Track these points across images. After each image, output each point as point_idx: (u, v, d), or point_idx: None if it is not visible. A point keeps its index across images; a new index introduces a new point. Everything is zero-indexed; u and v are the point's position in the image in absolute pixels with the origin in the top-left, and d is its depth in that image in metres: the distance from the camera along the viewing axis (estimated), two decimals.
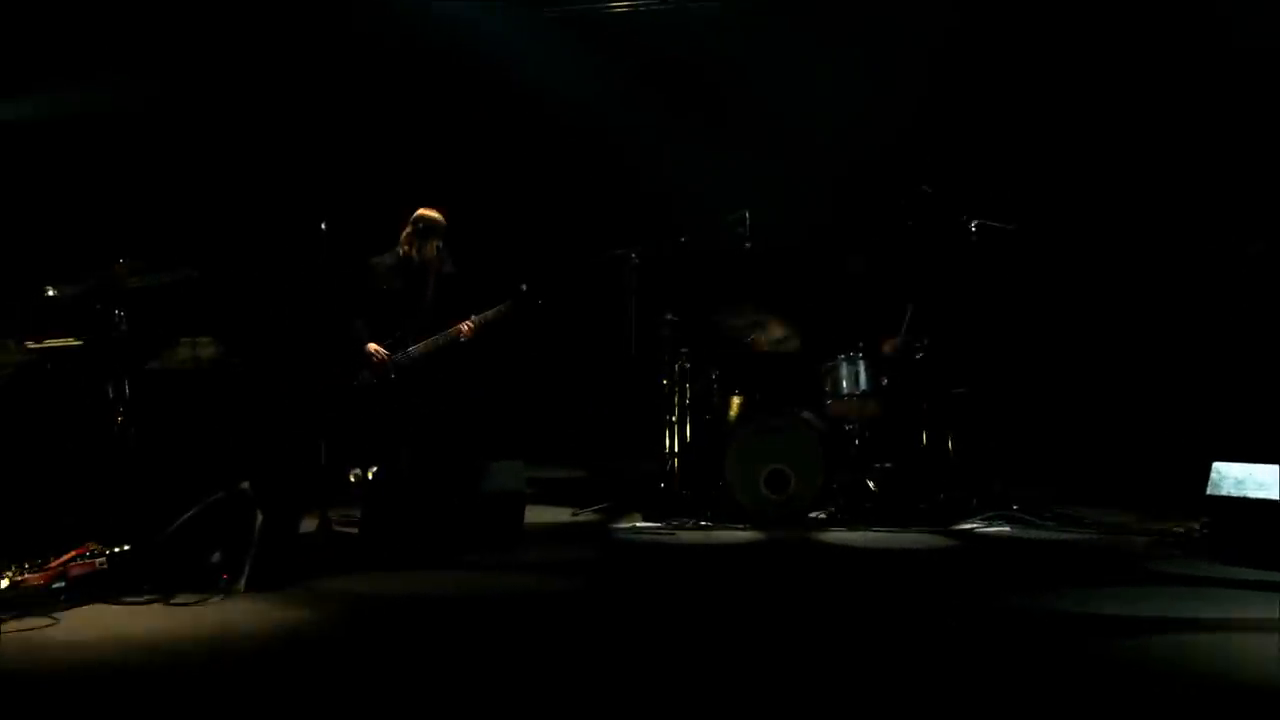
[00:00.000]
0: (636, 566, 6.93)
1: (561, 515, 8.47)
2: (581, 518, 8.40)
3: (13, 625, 5.28)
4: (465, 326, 7.71)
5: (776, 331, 8.51)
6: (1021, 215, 8.14)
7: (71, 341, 6.73)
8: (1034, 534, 7.53)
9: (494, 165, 9.75)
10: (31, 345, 6.52)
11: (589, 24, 9.74)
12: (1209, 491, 6.68)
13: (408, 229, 7.85)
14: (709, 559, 7.13)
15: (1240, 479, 6.52)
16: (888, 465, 8.29)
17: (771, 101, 9.57)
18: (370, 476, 8.01)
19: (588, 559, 7.00)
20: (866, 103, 9.35)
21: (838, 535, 7.64)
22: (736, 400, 8.54)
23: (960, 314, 8.20)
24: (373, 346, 7.72)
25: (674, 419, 8.44)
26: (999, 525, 7.72)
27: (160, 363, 6.91)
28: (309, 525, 7.44)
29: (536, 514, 8.10)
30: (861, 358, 8.23)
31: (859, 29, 9.45)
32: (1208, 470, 6.68)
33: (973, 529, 7.65)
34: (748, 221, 8.34)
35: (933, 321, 8.31)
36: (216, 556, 6.07)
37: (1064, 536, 7.45)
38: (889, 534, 7.58)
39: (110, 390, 6.66)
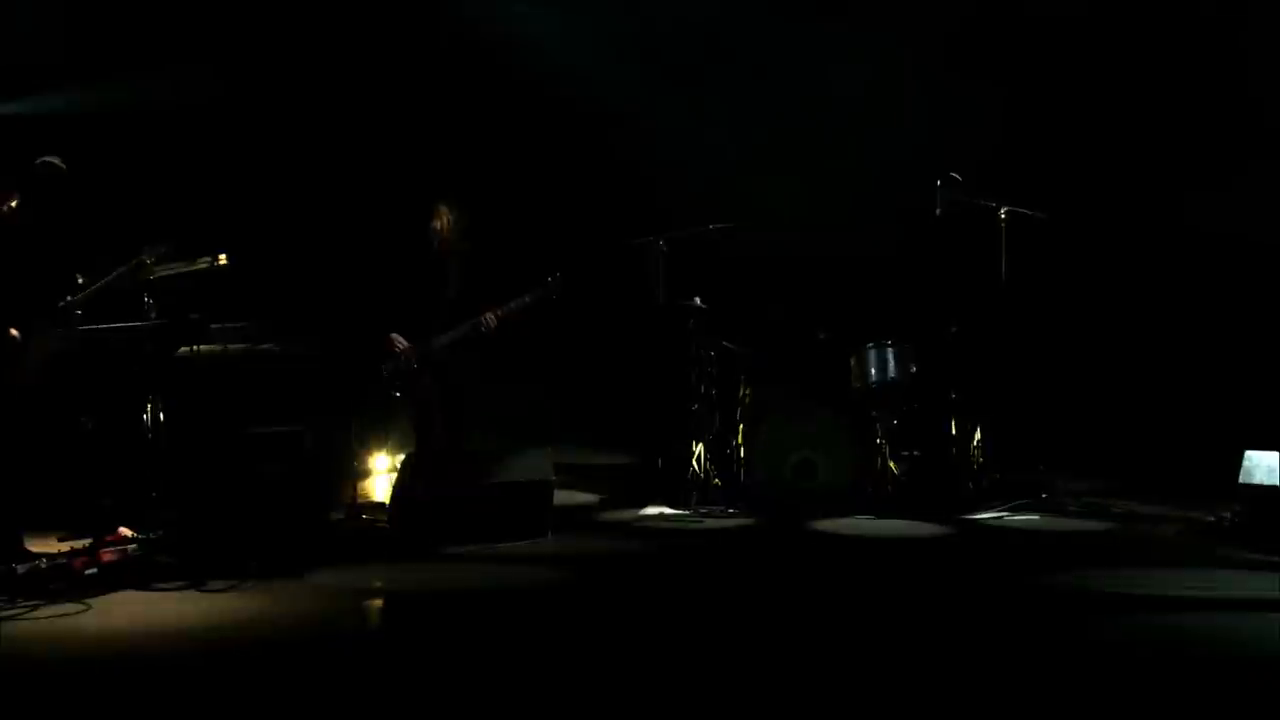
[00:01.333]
0: (660, 555, 6.91)
1: (590, 501, 8.48)
2: (610, 505, 8.41)
3: (46, 611, 5.32)
4: (490, 316, 7.70)
5: (799, 318, 8.47)
6: (1054, 203, 8.08)
7: (103, 329, 6.76)
8: (1062, 523, 7.51)
9: (522, 152, 9.72)
10: (64, 333, 6.55)
11: (618, 6, 9.70)
12: (1241, 479, 6.63)
13: (431, 219, 7.86)
14: (735, 547, 7.14)
15: (1273, 467, 6.48)
16: (916, 454, 8.25)
17: (801, 88, 9.52)
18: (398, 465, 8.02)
19: (613, 549, 6.99)
20: (895, 89, 9.29)
21: (864, 524, 7.62)
22: (765, 388, 8.51)
23: (990, 303, 8.15)
24: (395, 337, 7.72)
25: (702, 406, 8.42)
26: (1027, 514, 7.69)
27: (192, 349, 6.92)
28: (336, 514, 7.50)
29: (565, 499, 8.09)
30: (890, 346, 8.20)
31: (888, 14, 9.37)
32: (1241, 458, 6.64)
33: (1000, 517, 7.63)
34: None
35: (962, 310, 8.27)
36: (246, 543, 6.10)
37: (1093, 525, 7.42)
38: (916, 523, 7.55)
39: (141, 377, 6.70)
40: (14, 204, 6.33)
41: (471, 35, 9.67)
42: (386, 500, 7.46)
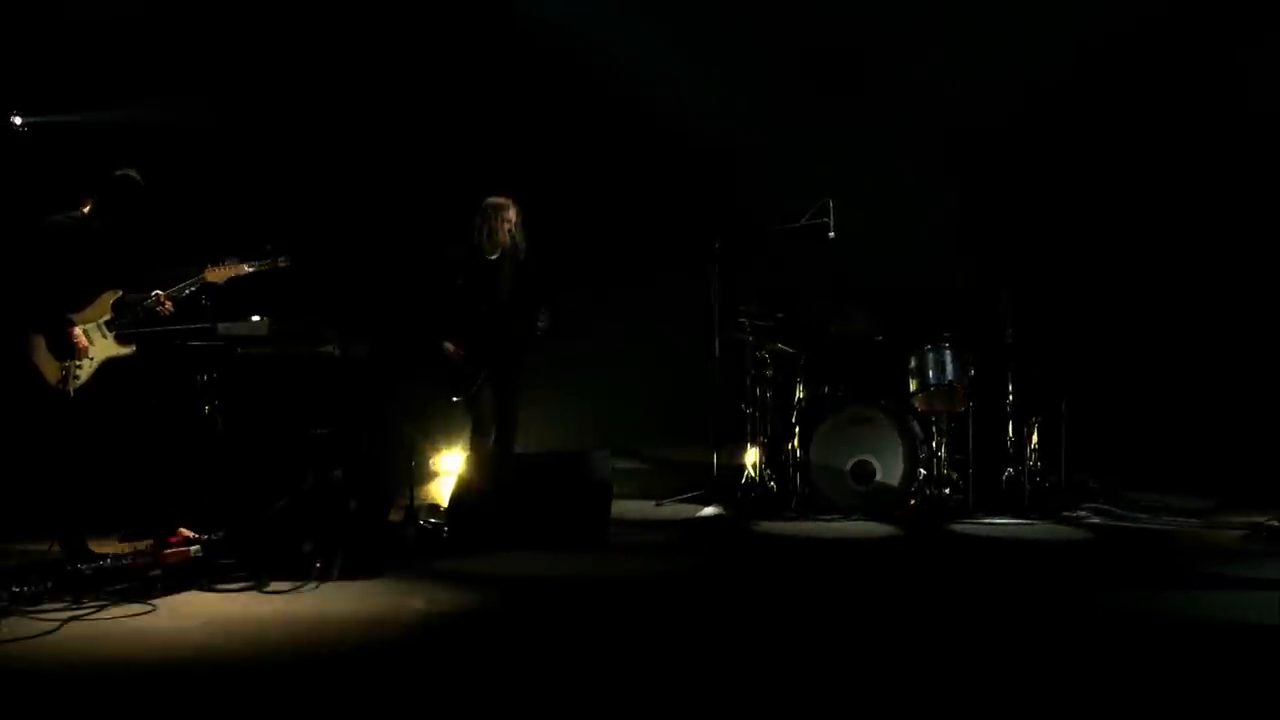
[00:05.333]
0: (717, 559, 6.91)
1: (646, 504, 8.46)
2: (666, 507, 8.38)
3: (113, 611, 5.36)
4: (544, 314, 7.64)
5: (861, 321, 8.40)
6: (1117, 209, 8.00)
7: (162, 330, 6.78)
8: (1123, 525, 7.48)
9: (577, 153, 9.71)
10: (126, 334, 6.58)
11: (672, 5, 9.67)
12: None
13: (477, 219, 7.78)
14: (789, 551, 7.14)
15: None
16: (974, 457, 8.17)
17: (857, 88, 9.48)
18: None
19: (675, 564, 6.80)
20: (961, 87, 9.22)
21: (921, 527, 7.57)
22: (821, 390, 8.45)
23: (1051, 305, 8.07)
24: (450, 346, 7.66)
25: (757, 409, 8.38)
26: (1085, 516, 7.65)
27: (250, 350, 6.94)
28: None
29: (621, 501, 8.06)
30: (948, 348, 8.11)
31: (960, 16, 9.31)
32: None
33: (1056, 521, 7.58)
34: (831, 210, 8.24)
35: (1023, 311, 8.18)
36: (309, 544, 6.11)
37: (1154, 528, 7.40)
38: (973, 526, 7.54)
39: (200, 378, 6.73)
40: (87, 209, 6.41)
41: (525, 34, 9.66)
42: (445, 504, 7.46)
